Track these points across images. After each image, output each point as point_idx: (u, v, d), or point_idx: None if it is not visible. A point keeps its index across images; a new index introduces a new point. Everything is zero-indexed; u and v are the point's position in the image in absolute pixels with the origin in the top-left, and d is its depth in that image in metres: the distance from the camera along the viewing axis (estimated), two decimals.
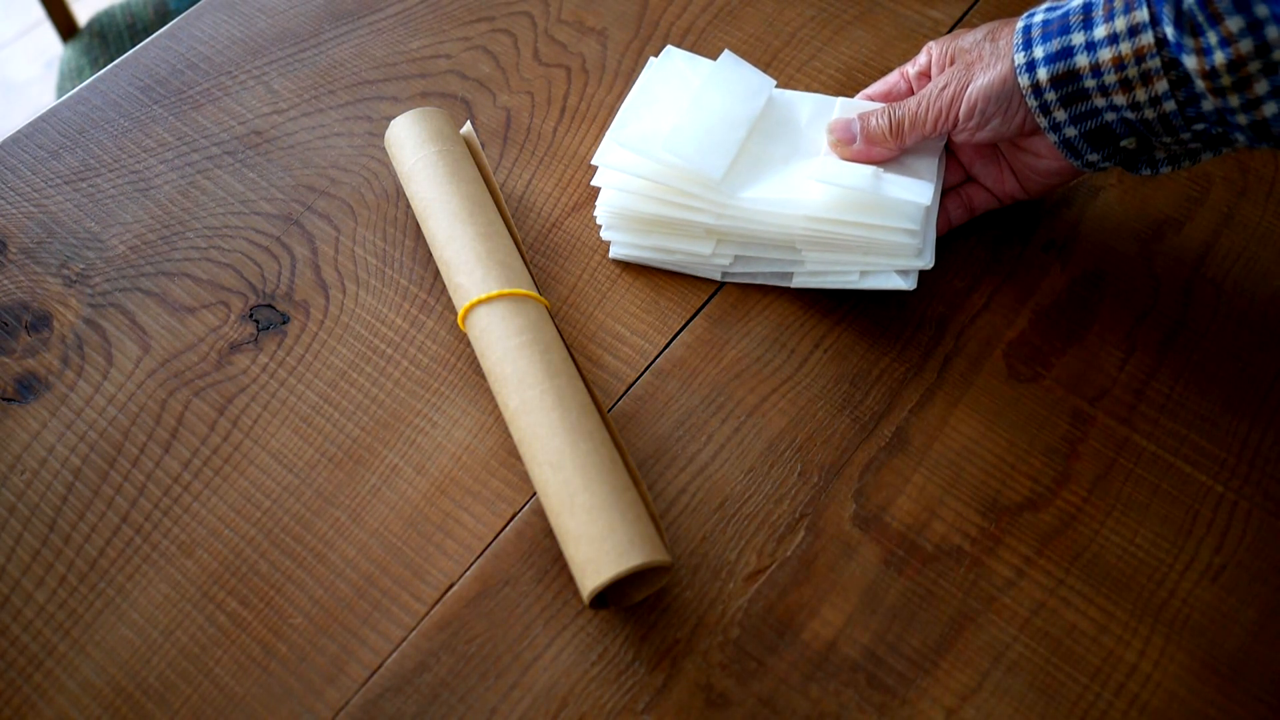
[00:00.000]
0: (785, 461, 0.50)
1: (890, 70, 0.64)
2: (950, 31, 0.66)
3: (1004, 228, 0.58)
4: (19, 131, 0.62)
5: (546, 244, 0.58)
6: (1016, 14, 0.66)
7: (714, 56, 0.64)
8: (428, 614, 0.47)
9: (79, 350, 0.54)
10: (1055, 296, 0.56)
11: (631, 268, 0.57)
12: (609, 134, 0.55)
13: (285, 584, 0.47)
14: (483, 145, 0.61)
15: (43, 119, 0.63)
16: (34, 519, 0.49)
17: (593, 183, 0.55)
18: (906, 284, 0.52)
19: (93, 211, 0.59)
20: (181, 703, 0.44)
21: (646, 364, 0.53)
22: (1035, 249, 0.57)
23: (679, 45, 0.65)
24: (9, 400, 0.52)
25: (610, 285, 0.56)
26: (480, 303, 0.50)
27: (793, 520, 0.49)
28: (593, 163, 0.55)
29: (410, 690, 0.45)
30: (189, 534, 0.49)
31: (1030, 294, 0.56)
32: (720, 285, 0.56)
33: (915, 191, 0.51)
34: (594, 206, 0.58)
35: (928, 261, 0.52)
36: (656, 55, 0.65)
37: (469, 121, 0.61)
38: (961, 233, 0.58)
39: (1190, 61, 0.44)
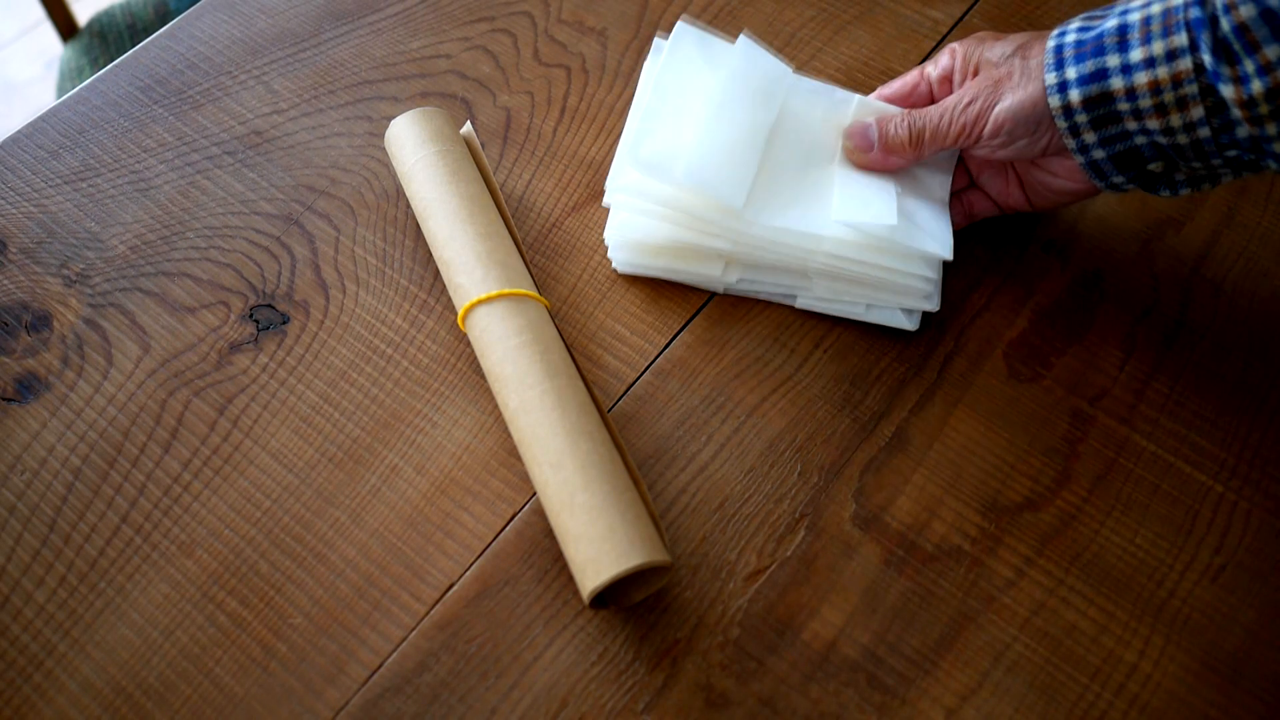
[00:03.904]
0: (785, 461, 0.50)
1: (891, 70, 0.64)
2: (950, 32, 0.66)
3: (1004, 228, 0.58)
4: (19, 131, 0.62)
5: (546, 244, 0.58)
6: (1017, 15, 0.66)
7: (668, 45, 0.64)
8: (428, 614, 0.47)
9: (79, 350, 0.54)
10: (1055, 296, 0.56)
11: None
12: (625, 152, 0.53)
13: (285, 584, 0.47)
14: (483, 145, 0.61)
15: (43, 119, 0.63)
16: (34, 519, 0.49)
17: (604, 203, 0.54)
18: (910, 324, 0.52)
19: (93, 211, 0.59)
20: (181, 703, 0.44)
21: (646, 364, 0.53)
22: (1035, 249, 0.57)
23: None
24: (9, 400, 0.52)
25: (610, 285, 0.56)
26: (480, 303, 0.50)
27: (793, 520, 0.49)
28: (606, 185, 0.53)
29: (410, 690, 0.45)
30: (189, 534, 0.49)
31: (1030, 294, 0.56)
32: None
33: (939, 243, 0.51)
34: (594, 207, 0.58)
35: (935, 305, 0.52)
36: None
37: (469, 121, 0.61)
38: (962, 233, 0.57)
39: (1227, 90, 0.43)
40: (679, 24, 0.57)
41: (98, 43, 1.10)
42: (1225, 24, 0.42)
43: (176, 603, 0.47)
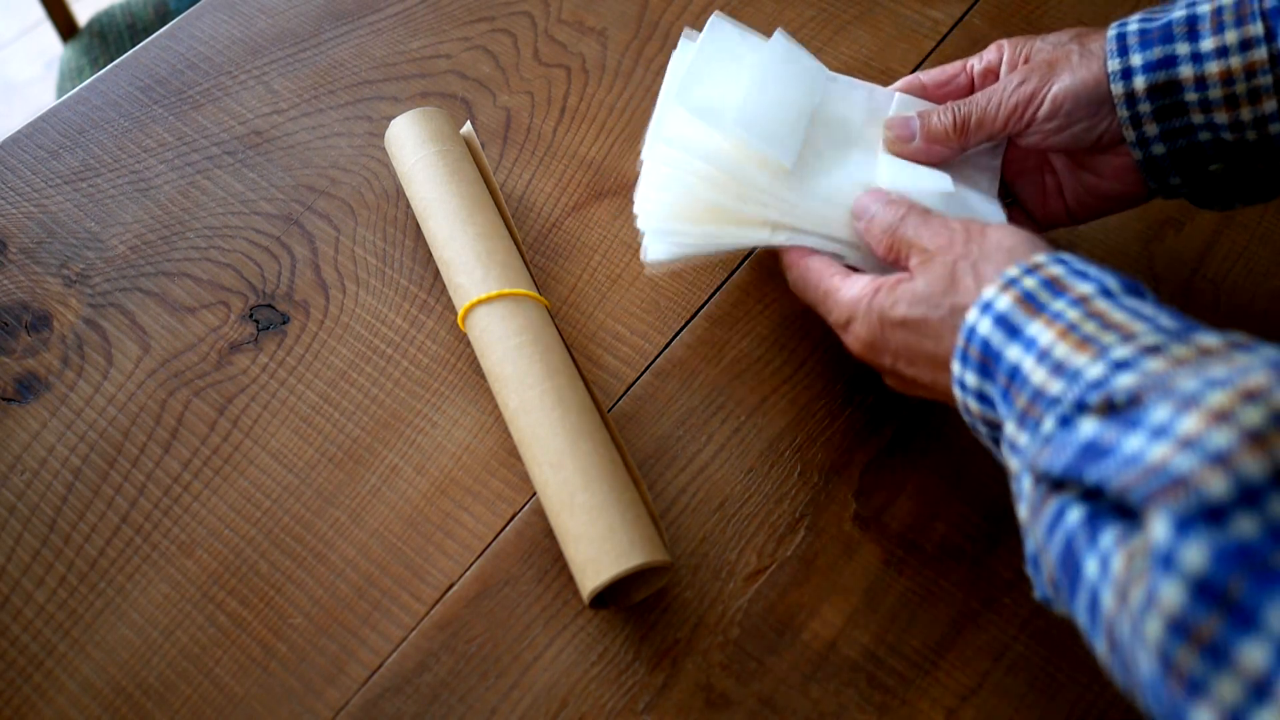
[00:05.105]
0: (785, 461, 0.50)
1: (891, 69, 0.64)
2: (950, 32, 0.66)
3: None
4: (19, 131, 0.62)
5: (546, 244, 0.58)
6: (1017, 15, 0.66)
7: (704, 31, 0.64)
8: (428, 614, 0.47)
9: (79, 350, 0.54)
10: None
11: (631, 267, 0.56)
12: (675, 97, 0.49)
13: (285, 584, 0.47)
14: (483, 145, 0.61)
15: (43, 119, 0.63)
16: (34, 519, 0.49)
17: (641, 159, 0.51)
18: None
19: (93, 211, 0.59)
20: (181, 703, 0.45)
21: (646, 364, 0.53)
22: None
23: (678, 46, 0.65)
24: (9, 400, 0.52)
25: (610, 285, 0.56)
26: (480, 303, 0.50)
27: (793, 520, 0.49)
28: (645, 139, 0.50)
29: (410, 690, 0.45)
30: (189, 534, 0.49)
31: None
32: (721, 285, 0.56)
33: (991, 213, 0.48)
34: (594, 206, 0.58)
35: None
36: (656, 55, 0.65)
37: (469, 121, 0.61)
38: None
39: None
40: (715, 15, 0.54)
41: (98, 43, 1.10)
42: None
43: (176, 603, 0.47)
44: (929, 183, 0.48)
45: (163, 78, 0.65)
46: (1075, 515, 0.33)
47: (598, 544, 0.43)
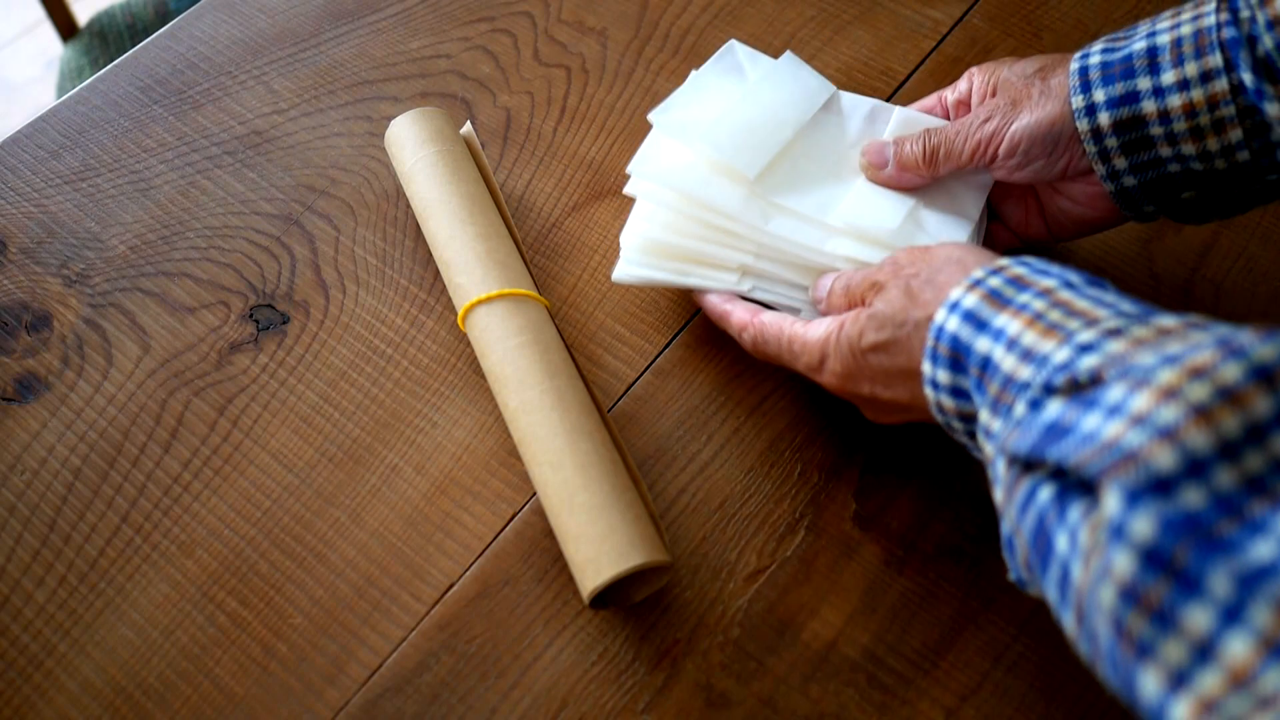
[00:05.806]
0: (785, 461, 0.50)
1: (891, 70, 0.64)
2: (950, 32, 0.66)
3: None
4: (19, 131, 0.62)
5: (546, 244, 0.58)
6: (1017, 15, 0.66)
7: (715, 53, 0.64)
8: (428, 614, 0.47)
9: (79, 350, 0.54)
10: None
11: None
12: (650, 116, 0.52)
13: (285, 584, 0.47)
14: (483, 145, 0.61)
15: (43, 119, 0.63)
16: (34, 519, 0.49)
17: (625, 190, 0.53)
18: None
19: (93, 211, 0.59)
20: (181, 703, 0.45)
21: (646, 364, 0.53)
22: (1035, 248, 0.57)
23: (679, 45, 0.65)
24: (9, 400, 0.53)
25: (610, 285, 0.56)
26: (480, 303, 0.50)
27: (793, 520, 0.49)
28: (628, 170, 0.52)
29: (410, 690, 0.45)
30: (189, 534, 0.49)
31: None
32: None
33: (959, 233, 0.50)
34: (594, 206, 0.58)
35: None
36: (656, 55, 0.65)
37: (469, 121, 0.61)
38: None
39: (1272, 109, 0.42)
40: (730, 41, 0.56)
41: (98, 43, 1.10)
42: (1268, 41, 0.41)
43: (176, 603, 0.47)
44: (884, 218, 0.50)
45: (163, 78, 0.65)
46: (1046, 493, 0.34)
47: (597, 544, 0.43)
